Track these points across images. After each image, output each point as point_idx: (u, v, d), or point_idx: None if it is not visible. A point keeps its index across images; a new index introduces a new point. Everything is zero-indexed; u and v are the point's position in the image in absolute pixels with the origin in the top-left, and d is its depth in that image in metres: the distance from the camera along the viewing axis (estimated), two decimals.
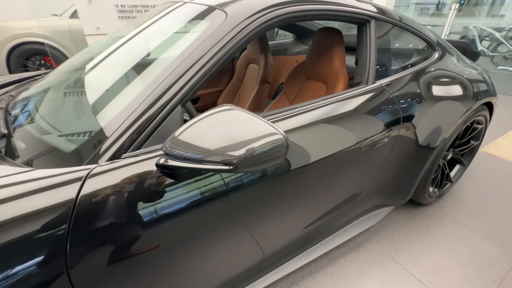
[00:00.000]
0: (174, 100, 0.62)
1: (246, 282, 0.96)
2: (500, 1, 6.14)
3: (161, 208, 0.59)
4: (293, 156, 0.79)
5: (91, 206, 0.52)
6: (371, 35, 1.05)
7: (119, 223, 0.55)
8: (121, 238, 0.56)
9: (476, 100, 1.28)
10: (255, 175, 0.72)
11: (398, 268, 1.21)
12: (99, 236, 0.53)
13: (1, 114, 0.79)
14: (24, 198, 0.49)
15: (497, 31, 5.29)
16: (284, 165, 0.77)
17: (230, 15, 0.74)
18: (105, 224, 0.53)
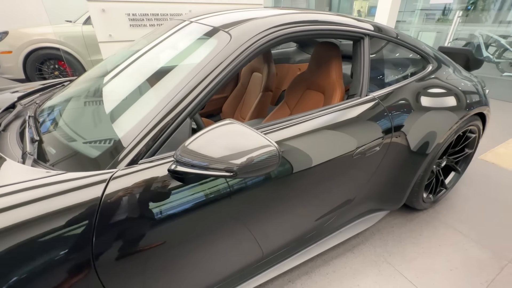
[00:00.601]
0: (184, 113, 0.72)
1: (246, 278, 1.04)
2: (507, 7, 6.12)
3: (171, 207, 0.68)
4: (291, 161, 0.87)
5: (113, 203, 0.62)
6: (364, 51, 1.13)
7: (136, 218, 0.65)
8: (137, 231, 0.65)
9: (467, 110, 1.34)
10: (255, 180, 0.81)
11: (390, 270, 1.28)
12: (119, 229, 0.62)
13: (32, 122, 0.89)
14: (59, 196, 0.59)
15: (503, 38, 5.29)
16: (283, 170, 0.86)
17: (234, 37, 0.83)
18: (124, 218, 0.63)
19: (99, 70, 1.24)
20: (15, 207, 0.56)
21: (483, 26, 6.09)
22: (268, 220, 0.93)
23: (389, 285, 1.20)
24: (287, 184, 0.91)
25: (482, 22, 6.41)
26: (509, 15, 6.05)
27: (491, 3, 6.33)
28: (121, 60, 1.18)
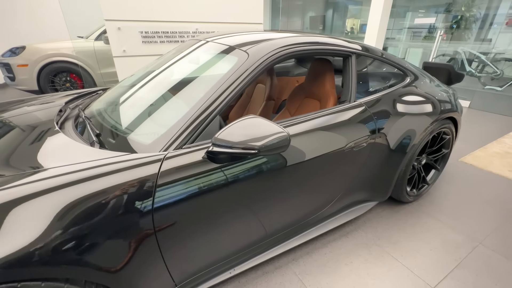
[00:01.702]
0: (215, 111, 0.95)
1: (256, 253, 1.24)
2: (487, 27, 6.64)
3: (204, 183, 0.90)
4: (293, 154, 1.10)
5: (167, 176, 0.84)
6: (352, 66, 1.40)
7: (182, 188, 0.86)
8: (182, 198, 0.87)
9: (439, 115, 1.60)
10: (263, 169, 1.03)
11: (379, 250, 1.48)
12: (171, 195, 0.84)
13: (87, 122, 1.11)
14: (130, 169, 0.81)
15: (483, 54, 5.73)
16: (286, 161, 1.09)
17: (251, 55, 1.09)
18: (174, 187, 0.84)
19: (133, 79, 1.47)
20: (97, 177, 0.78)
21: (466, 43, 6.57)
22: (273, 204, 1.15)
23: (378, 262, 1.41)
24: (289, 174, 1.13)
25: (465, 40, 6.92)
26: (489, 34, 6.56)
27: (472, 23, 6.86)
28: (152, 71, 1.42)
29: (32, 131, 1.09)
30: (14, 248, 0.62)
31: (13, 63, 3.89)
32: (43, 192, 0.71)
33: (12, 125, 1.19)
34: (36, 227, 0.66)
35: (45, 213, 0.68)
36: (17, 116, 1.28)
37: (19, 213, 0.67)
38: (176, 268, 0.97)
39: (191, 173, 0.88)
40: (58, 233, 0.67)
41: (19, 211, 0.67)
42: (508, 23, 6.26)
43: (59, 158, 0.86)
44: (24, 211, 0.67)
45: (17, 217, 0.66)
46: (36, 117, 1.26)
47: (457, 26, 6.92)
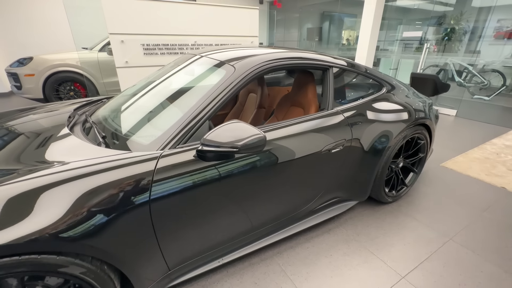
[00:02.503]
0: (205, 117, 1.12)
1: (243, 245, 1.38)
2: (476, 39, 6.94)
3: (196, 178, 1.05)
4: (277, 155, 1.26)
5: (163, 172, 0.99)
6: (329, 77, 1.57)
7: (176, 183, 1.01)
8: (176, 192, 1.02)
9: (411, 121, 1.77)
10: (250, 167, 1.18)
11: (357, 245, 1.62)
12: (165, 190, 0.99)
13: (94, 126, 1.27)
14: (131, 165, 0.96)
15: (472, 65, 5.97)
16: (270, 161, 1.24)
17: (237, 69, 1.26)
18: (169, 181, 1.00)
19: (135, 89, 1.65)
20: (104, 170, 0.93)
21: (456, 55, 6.84)
22: (259, 199, 1.30)
23: (355, 255, 1.54)
24: (273, 173, 1.29)
25: (455, 51, 7.20)
26: (478, 46, 6.84)
27: (461, 35, 7.16)
28: (152, 82, 1.60)
29: (46, 134, 1.25)
30: (39, 226, 0.77)
31: (20, 73, 4.09)
32: (61, 182, 0.86)
33: (23, 130, 1.35)
34: (56, 210, 0.81)
35: (64, 198, 0.83)
36: (29, 122, 1.45)
37: (43, 199, 0.82)
38: (170, 253, 1.11)
39: (183, 169, 1.04)
40: (73, 216, 0.82)
41: (44, 197, 0.82)
42: (496, 35, 6.55)
43: (73, 155, 1.02)
44: (47, 197, 0.82)
45: (42, 201, 0.81)
46: (47, 123, 1.42)
47: (447, 39, 7.22)
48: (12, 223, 0.75)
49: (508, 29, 6.23)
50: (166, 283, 1.18)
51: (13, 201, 0.79)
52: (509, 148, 3.12)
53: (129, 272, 1.00)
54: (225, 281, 1.36)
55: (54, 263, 0.81)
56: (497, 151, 3.03)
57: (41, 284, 0.87)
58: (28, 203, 0.80)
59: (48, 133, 1.25)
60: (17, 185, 0.83)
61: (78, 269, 0.86)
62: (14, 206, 0.78)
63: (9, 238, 0.73)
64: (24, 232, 0.75)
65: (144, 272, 1.06)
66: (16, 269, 0.76)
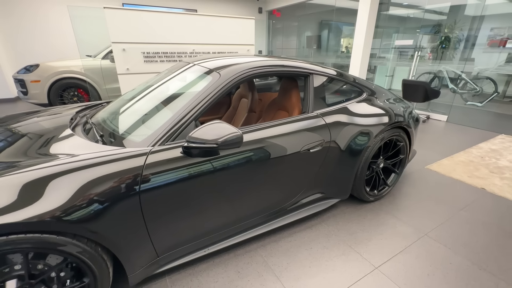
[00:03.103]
0: (192, 118, 1.26)
1: (229, 236, 1.50)
2: (469, 47, 7.10)
3: (182, 171, 1.18)
4: (259, 153, 1.39)
5: (152, 165, 1.12)
6: (310, 83, 1.71)
7: (164, 176, 1.14)
8: (163, 184, 1.15)
9: (387, 124, 1.89)
10: (234, 164, 1.31)
11: (337, 239, 1.73)
12: (153, 182, 1.12)
13: (93, 127, 1.42)
14: (124, 160, 1.10)
15: (464, 73, 6.11)
16: (252, 158, 1.37)
17: (222, 75, 1.40)
18: (157, 174, 1.13)
19: (132, 93, 1.79)
20: (100, 164, 1.06)
21: (450, 63, 6.99)
22: (243, 194, 1.42)
23: (334, 248, 1.65)
24: (255, 170, 1.41)
25: (450, 59, 7.36)
26: (472, 54, 7.00)
27: (455, 43, 7.32)
28: (147, 87, 1.74)
29: (50, 134, 1.39)
30: (44, 209, 0.90)
31: (27, 79, 4.29)
32: (66, 171, 0.99)
33: (32, 129, 1.49)
34: (59, 196, 0.94)
35: (63, 188, 0.97)
36: (35, 123, 1.59)
37: (50, 185, 0.95)
38: (158, 240, 1.23)
39: (171, 163, 1.17)
40: (72, 201, 0.95)
41: (51, 183, 0.95)
42: (489, 43, 6.70)
43: (74, 151, 1.15)
44: (53, 184, 0.96)
45: (49, 187, 0.95)
46: (52, 124, 1.56)
47: (441, 47, 7.39)
48: (21, 206, 0.89)
49: (501, 37, 6.39)
50: (155, 268, 1.30)
51: (26, 186, 0.93)
52: (494, 152, 3.23)
53: (121, 255, 1.12)
54: (210, 270, 1.48)
55: (54, 242, 0.94)
56: (482, 154, 3.14)
57: (42, 263, 1.00)
58: (37, 189, 0.93)
59: (52, 133, 1.40)
60: (27, 174, 0.96)
61: (75, 249, 0.99)
62: (25, 190, 0.92)
63: (22, 217, 0.86)
64: (31, 214, 0.88)
65: (135, 256, 1.18)
66: (22, 245, 0.89)
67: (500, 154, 3.14)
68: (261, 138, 1.43)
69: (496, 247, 1.67)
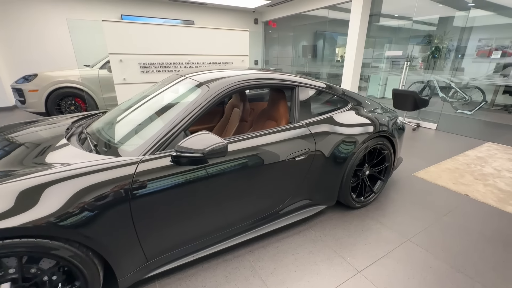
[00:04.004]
0: (181, 128, 1.33)
1: (218, 241, 1.56)
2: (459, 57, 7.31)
3: (170, 182, 1.25)
4: (246, 161, 1.47)
5: (142, 174, 1.19)
6: (296, 95, 1.81)
7: (153, 183, 1.21)
8: (153, 192, 1.22)
9: (371, 133, 1.98)
10: (222, 172, 1.39)
11: (322, 244, 1.79)
12: (143, 190, 1.19)
13: (88, 136, 1.49)
14: (113, 169, 1.17)
15: (454, 82, 6.29)
16: (239, 167, 1.45)
17: (210, 88, 1.49)
18: (147, 182, 1.20)
19: (126, 104, 1.88)
20: (92, 172, 1.13)
21: (441, 72, 7.19)
22: (231, 200, 1.49)
23: (319, 253, 1.71)
24: (242, 178, 1.49)
25: (441, 69, 7.56)
26: (461, 63, 7.20)
27: (445, 54, 7.54)
28: (141, 98, 1.83)
29: (46, 144, 1.46)
30: (39, 215, 0.97)
31: (25, 88, 4.37)
32: (60, 180, 1.06)
33: (27, 139, 1.56)
34: (53, 203, 1.01)
35: (57, 195, 1.03)
36: (32, 133, 1.66)
37: (45, 192, 1.02)
38: (148, 245, 1.29)
39: (160, 171, 1.24)
40: (66, 207, 1.02)
41: (45, 191, 1.02)
42: (478, 53, 6.92)
43: (68, 160, 1.22)
44: (46, 192, 1.02)
45: (44, 194, 1.01)
46: (48, 134, 1.63)
47: (432, 57, 7.60)
48: (17, 212, 0.95)
49: (489, 48, 6.61)
50: (145, 273, 1.35)
51: (22, 193, 0.99)
52: (480, 159, 3.33)
53: (111, 259, 1.18)
54: (199, 275, 1.53)
55: (48, 246, 1.00)
56: (468, 162, 3.23)
57: (35, 267, 1.05)
58: (32, 196, 1.00)
59: (48, 143, 1.47)
60: (23, 182, 1.03)
61: (67, 253, 1.05)
62: (21, 197, 0.98)
63: (18, 222, 0.92)
64: (27, 219, 0.95)
65: (125, 260, 1.23)
66: (17, 249, 0.95)
67: (485, 162, 3.24)
68: (248, 147, 1.51)
69: (475, 251, 1.74)
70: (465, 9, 6.10)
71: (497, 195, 2.45)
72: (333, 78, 9.17)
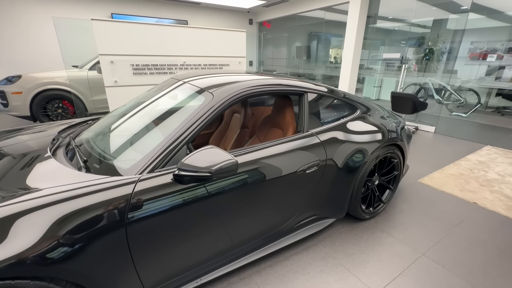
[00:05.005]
0: (183, 142, 1.19)
1: (222, 264, 1.42)
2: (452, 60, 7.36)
3: (172, 202, 1.11)
4: (254, 176, 1.33)
5: (140, 195, 1.04)
6: (305, 102, 1.68)
7: (153, 206, 1.07)
8: (153, 214, 1.07)
9: (382, 142, 1.88)
10: (228, 188, 1.25)
11: (334, 262, 1.67)
12: (142, 213, 1.04)
13: (76, 149, 1.32)
14: (106, 191, 1.01)
15: (449, 84, 6.31)
16: (247, 182, 1.31)
17: (215, 96, 1.35)
18: (145, 205, 1.05)
19: (119, 111, 1.71)
20: (80, 196, 0.98)
21: (435, 74, 7.23)
22: (236, 219, 1.35)
23: (332, 272, 1.59)
24: (251, 193, 1.35)
25: (434, 71, 7.60)
26: (454, 66, 7.26)
27: (439, 56, 7.59)
28: (136, 105, 1.67)
29: (28, 159, 1.29)
30: (13, 252, 0.80)
31: (8, 90, 4.10)
32: (37, 207, 0.90)
33: (7, 152, 1.38)
34: (30, 236, 0.85)
35: (38, 225, 0.87)
36: (12, 145, 1.48)
37: (19, 224, 0.85)
38: (146, 275, 1.14)
39: (161, 192, 1.09)
40: (47, 241, 0.86)
41: (20, 222, 0.86)
42: (470, 56, 6.98)
43: (52, 180, 1.06)
44: (23, 223, 0.86)
45: (18, 227, 0.85)
46: (32, 145, 1.46)
47: (426, 59, 7.64)
48: None
49: (481, 51, 6.67)
50: None
51: None
52: (482, 164, 3.29)
53: None
54: None
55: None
56: (471, 167, 3.19)
57: None
58: (2, 229, 0.83)
59: (30, 157, 1.29)
60: None
61: None
62: None
63: None
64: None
65: None
66: None
67: (487, 166, 3.20)
68: (256, 160, 1.37)
69: (492, 267, 1.65)
70: (458, 12, 6.13)
71: (505, 202, 2.39)
72: (327, 79, 9.12)
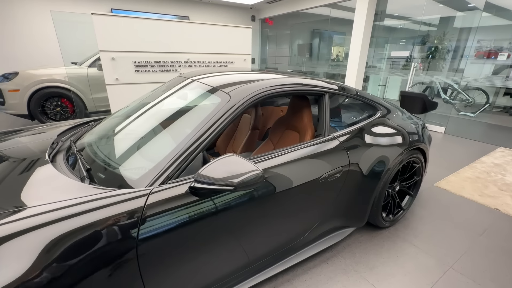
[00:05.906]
0: (199, 148, 1.06)
1: (237, 282, 1.29)
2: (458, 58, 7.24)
3: (186, 216, 0.98)
4: (273, 185, 1.20)
5: (152, 209, 0.91)
6: (325, 103, 1.55)
7: (166, 220, 0.94)
8: (166, 230, 0.94)
9: (407, 146, 1.76)
10: (244, 199, 1.12)
11: (356, 276, 1.55)
12: (155, 226, 0.91)
13: (78, 155, 1.19)
14: (115, 205, 0.89)
15: (456, 83, 6.19)
16: (266, 191, 1.18)
17: (232, 97, 1.22)
18: (158, 220, 0.92)
19: (124, 112, 1.58)
20: (84, 212, 0.85)
21: (440, 73, 7.10)
22: (254, 232, 1.23)
23: (355, 287, 1.47)
24: (270, 204, 1.23)
25: (440, 69, 7.47)
26: (460, 64, 7.13)
27: (445, 54, 7.46)
28: (142, 106, 1.53)
29: (23, 165, 1.15)
30: (5, 281, 0.68)
31: (4, 88, 3.94)
32: (32, 228, 0.77)
33: (2, 158, 1.25)
34: (24, 262, 0.72)
35: (33, 248, 0.74)
36: (8, 149, 1.35)
37: (9, 248, 0.73)
38: None
39: (174, 205, 0.96)
40: (45, 266, 0.73)
41: (10, 246, 0.73)
42: (476, 55, 6.85)
43: (49, 194, 0.93)
44: (14, 247, 0.73)
45: (8, 252, 0.72)
46: (27, 150, 1.32)
47: (431, 57, 7.50)
48: None
49: (487, 49, 6.55)
50: None
51: None
52: (498, 166, 3.17)
53: None
54: None
55: None
56: (487, 169, 3.07)
57: None
58: None
59: (27, 164, 1.16)
60: None
61: None
62: None
63: None
64: None
65: None
66: None
67: (504, 169, 3.08)
68: (277, 166, 1.24)
69: None
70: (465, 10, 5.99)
71: None
72: (331, 78, 8.99)
